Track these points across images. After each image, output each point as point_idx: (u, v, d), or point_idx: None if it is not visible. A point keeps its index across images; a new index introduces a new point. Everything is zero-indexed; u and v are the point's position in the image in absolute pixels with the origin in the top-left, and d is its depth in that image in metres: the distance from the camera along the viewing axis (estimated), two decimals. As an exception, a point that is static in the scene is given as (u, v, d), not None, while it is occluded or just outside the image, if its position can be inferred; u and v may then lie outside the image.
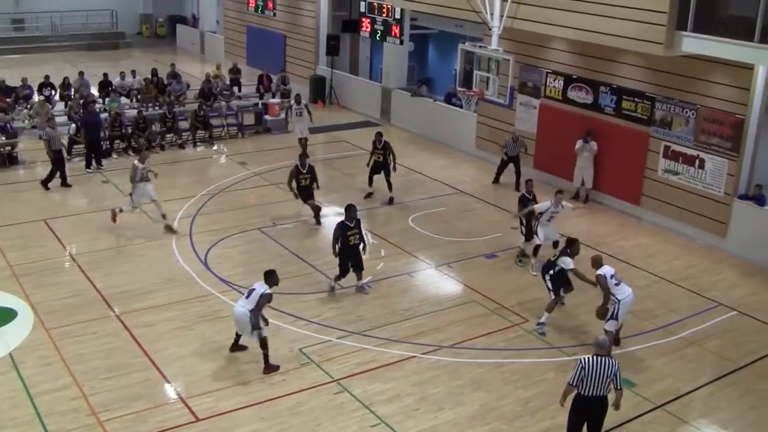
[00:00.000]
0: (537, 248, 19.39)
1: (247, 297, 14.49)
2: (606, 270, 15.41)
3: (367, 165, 23.78)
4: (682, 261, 20.54)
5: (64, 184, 24.06)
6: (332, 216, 22.35)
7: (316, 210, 21.69)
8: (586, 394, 11.89)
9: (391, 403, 13.95)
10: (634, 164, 23.06)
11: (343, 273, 17.67)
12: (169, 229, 20.82)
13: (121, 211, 20.84)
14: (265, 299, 14.37)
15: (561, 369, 15.11)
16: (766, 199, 20.70)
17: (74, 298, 17.24)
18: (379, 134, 23.56)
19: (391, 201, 23.60)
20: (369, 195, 23.81)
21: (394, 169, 23.69)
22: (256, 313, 14.34)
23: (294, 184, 21.29)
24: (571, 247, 16.50)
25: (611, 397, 12.14)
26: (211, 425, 13.24)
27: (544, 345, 16.08)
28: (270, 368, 14.60)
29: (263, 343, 14.50)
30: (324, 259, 19.20)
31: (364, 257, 18.05)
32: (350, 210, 17.63)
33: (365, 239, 18.07)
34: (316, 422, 13.40)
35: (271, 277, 14.62)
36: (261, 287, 14.43)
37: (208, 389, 14.15)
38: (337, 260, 17.71)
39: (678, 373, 15.32)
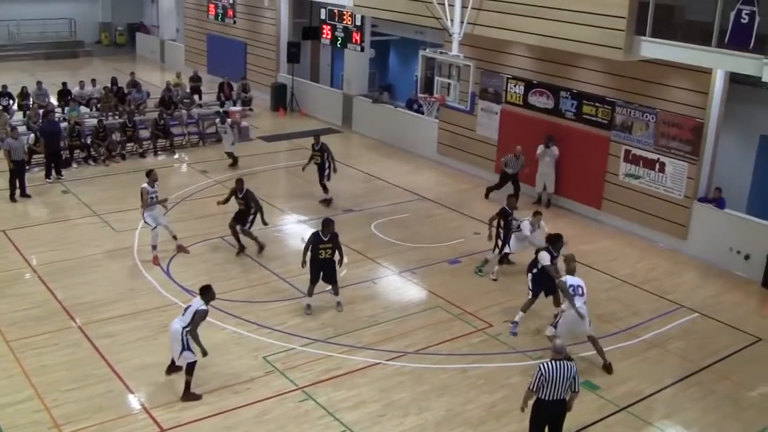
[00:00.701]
0: (505, 256, 19.44)
1: (183, 314, 13.99)
2: (569, 280, 15.30)
3: (303, 169, 23.70)
4: (643, 264, 20.70)
5: (24, 194, 23.77)
6: (294, 224, 22.35)
7: (252, 237, 20.26)
8: (546, 398, 11.96)
9: (357, 410, 13.92)
10: (595, 168, 23.22)
11: (312, 281, 17.24)
12: (182, 249, 20.21)
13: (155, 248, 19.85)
14: (199, 316, 13.81)
15: (526, 373, 15.12)
16: (726, 201, 20.90)
17: (35, 310, 17.05)
18: (317, 136, 23.64)
19: (328, 202, 23.66)
20: (327, 200, 23.73)
21: (335, 170, 23.63)
22: (192, 332, 13.78)
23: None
24: (553, 243, 16.60)
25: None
26: (176, 435, 13.17)
27: (508, 350, 16.14)
28: (190, 396, 14.01)
29: (189, 369, 13.95)
30: (287, 267, 19.15)
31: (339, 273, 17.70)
32: (327, 225, 17.00)
33: (342, 254, 17.43)
34: (282, 430, 13.35)
35: (207, 293, 14.07)
36: (196, 302, 13.95)
37: (172, 399, 14.02)
38: (307, 269, 17.39)
39: (641, 375, 15.43)
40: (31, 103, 31.44)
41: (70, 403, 13.82)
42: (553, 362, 11.90)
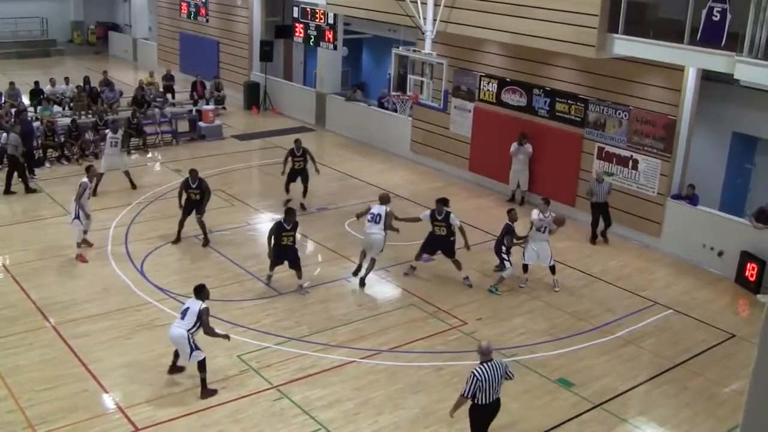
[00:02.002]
0: (525, 267, 19.07)
1: (182, 318, 13.97)
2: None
3: (282, 173, 23.13)
4: (617, 261, 20.80)
5: (28, 189, 24.25)
6: (268, 222, 22.27)
7: (203, 227, 20.60)
8: (483, 402, 11.95)
9: (332, 408, 13.92)
10: (568, 166, 23.31)
11: (272, 265, 18.19)
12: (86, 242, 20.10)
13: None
14: (206, 315, 13.95)
15: (500, 370, 15.23)
16: (699, 198, 21.03)
17: (8, 310, 16.95)
18: (298, 141, 23.19)
19: (302, 207, 23.09)
20: (288, 201, 22.96)
21: (317, 171, 23.51)
22: (208, 330, 14.00)
23: (184, 197, 20.42)
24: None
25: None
26: (151, 435, 13.13)
27: (482, 347, 16.17)
28: (207, 392, 14.09)
29: (201, 366, 14.02)
30: (261, 266, 19.12)
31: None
32: (289, 213, 17.93)
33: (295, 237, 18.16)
34: (257, 429, 13.34)
35: (202, 292, 14.15)
36: (195, 304, 13.97)
37: (147, 398, 14.00)
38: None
39: (615, 372, 15.51)
40: (3, 102, 31.20)
41: (45, 402, 13.75)
42: (485, 365, 11.91)
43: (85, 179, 19.56)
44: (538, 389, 14.77)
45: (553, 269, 18.83)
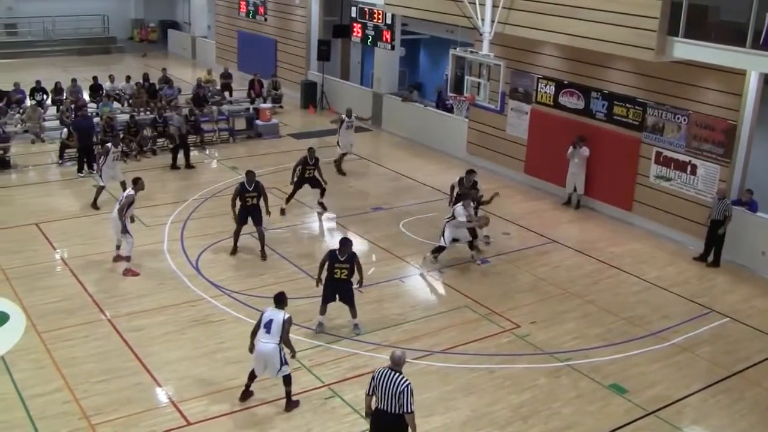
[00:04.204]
0: (440, 250, 19.98)
1: (268, 331, 13.47)
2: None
3: (291, 182, 22.66)
4: (674, 267, 20.54)
5: (188, 165, 26.59)
6: (324, 221, 22.43)
7: (262, 239, 19.97)
8: (379, 407, 11.50)
9: (383, 408, 13.92)
10: (625, 170, 23.09)
11: (324, 300, 16.33)
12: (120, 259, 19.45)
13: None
14: (290, 324, 13.62)
15: (553, 375, 15.14)
16: (758, 204, 20.71)
17: (66, 302, 17.20)
18: (311, 149, 22.82)
19: (323, 207, 23.11)
20: (282, 211, 22.61)
21: (324, 183, 22.96)
22: (287, 342, 13.61)
23: (238, 204, 19.88)
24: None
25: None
26: (203, 429, 13.22)
27: (535, 351, 16.07)
28: (292, 405, 13.84)
29: (288, 380, 13.75)
30: (314, 265, 19.06)
31: (357, 291, 16.64)
32: (345, 244, 15.99)
33: (362, 275, 16.47)
34: (307, 427, 13.38)
35: (283, 300, 13.81)
36: (277, 314, 13.56)
37: (200, 393, 14.12)
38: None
39: (669, 379, 15.32)
40: (64, 98, 31.67)
41: (99, 394, 13.93)
42: (385, 370, 11.43)
43: (131, 191, 18.92)
44: (591, 394, 14.64)
45: (471, 244, 20.03)
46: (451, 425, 13.61)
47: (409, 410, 11.26)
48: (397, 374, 11.34)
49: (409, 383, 11.31)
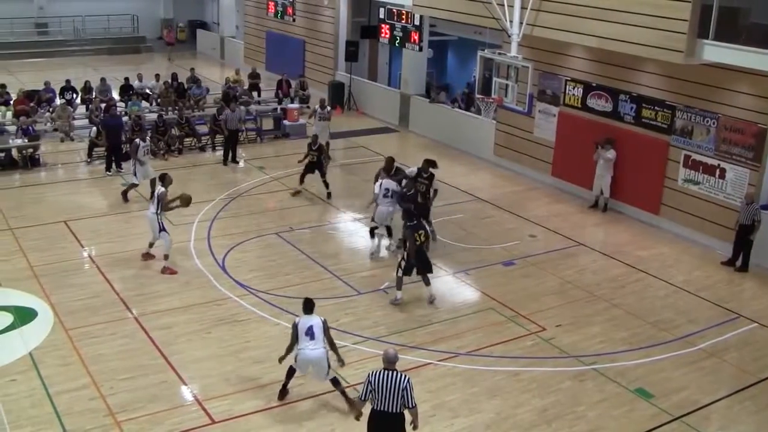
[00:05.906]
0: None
1: (312, 338, 13.49)
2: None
3: (299, 162, 24.33)
4: (701, 271, 20.40)
5: (234, 160, 27.48)
6: (349, 222, 22.44)
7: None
8: (378, 408, 11.42)
9: (407, 409, 13.92)
10: (653, 173, 22.97)
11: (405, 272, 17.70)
12: (149, 256, 19.62)
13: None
14: (327, 324, 13.74)
15: (578, 378, 15.08)
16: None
17: (93, 299, 17.32)
18: (315, 136, 24.24)
19: (329, 196, 24.17)
20: (297, 193, 24.25)
21: (328, 161, 24.69)
22: (333, 344, 13.90)
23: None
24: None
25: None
26: (227, 428, 13.27)
27: (560, 354, 16.01)
28: (350, 401, 13.65)
29: (336, 381, 13.86)
30: (341, 265, 19.24)
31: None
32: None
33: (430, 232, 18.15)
34: (331, 427, 13.40)
35: (311, 305, 13.78)
36: (312, 319, 13.61)
37: (225, 392, 14.17)
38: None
39: (696, 384, 15.21)
40: (93, 97, 31.88)
41: (125, 392, 14.01)
42: (382, 372, 11.34)
43: (161, 188, 18.97)
44: (616, 398, 14.56)
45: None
46: (475, 427, 13.58)
47: (413, 405, 11.30)
48: (395, 373, 11.35)
49: (409, 378, 11.36)
